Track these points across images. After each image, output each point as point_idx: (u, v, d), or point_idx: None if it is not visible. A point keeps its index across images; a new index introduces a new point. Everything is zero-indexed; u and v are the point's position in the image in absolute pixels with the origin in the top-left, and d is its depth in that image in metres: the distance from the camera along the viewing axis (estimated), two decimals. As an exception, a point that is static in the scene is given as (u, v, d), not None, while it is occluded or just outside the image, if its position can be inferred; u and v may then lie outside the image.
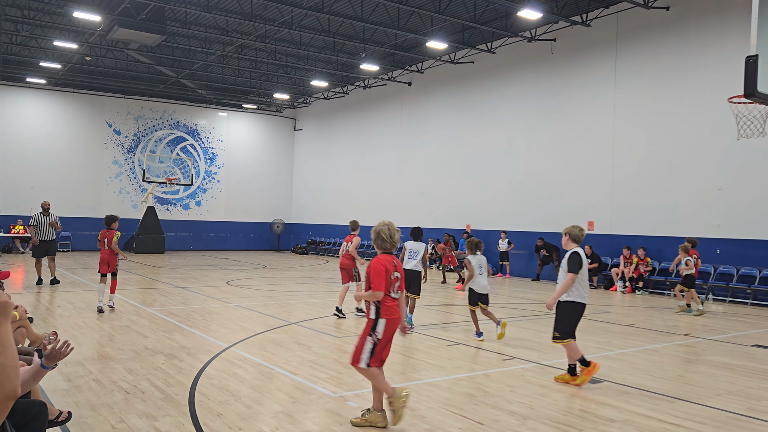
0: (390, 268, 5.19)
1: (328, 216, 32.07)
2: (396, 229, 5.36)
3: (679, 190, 16.67)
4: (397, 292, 5.25)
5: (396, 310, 5.24)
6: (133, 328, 9.48)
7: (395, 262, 5.28)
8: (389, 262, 5.22)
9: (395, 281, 5.22)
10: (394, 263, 5.27)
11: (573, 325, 6.72)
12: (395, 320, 5.22)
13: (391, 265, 5.22)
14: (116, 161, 30.76)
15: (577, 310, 6.71)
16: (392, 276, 5.20)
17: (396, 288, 5.24)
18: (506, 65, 22.05)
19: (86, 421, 5.13)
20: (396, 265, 5.27)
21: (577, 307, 6.71)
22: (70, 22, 21.00)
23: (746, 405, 6.14)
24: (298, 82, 29.97)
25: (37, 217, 15.13)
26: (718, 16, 15.96)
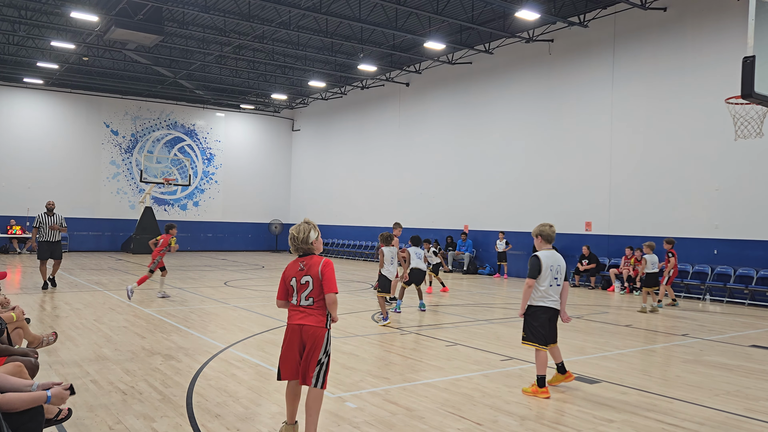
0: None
1: (326, 216, 32.05)
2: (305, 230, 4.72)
3: (677, 190, 16.70)
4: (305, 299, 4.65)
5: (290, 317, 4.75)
6: (131, 329, 9.46)
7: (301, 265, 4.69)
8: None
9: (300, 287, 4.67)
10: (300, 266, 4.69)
11: (541, 329, 6.22)
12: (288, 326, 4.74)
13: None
14: (114, 162, 30.72)
15: (542, 314, 6.23)
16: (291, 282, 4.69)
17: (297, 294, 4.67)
18: (504, 66, 22.07)
19: (83, 422, 5.12)
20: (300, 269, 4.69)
21: (542, 312, 6.23)
22: (68, 23, 20.97)
23: (744, 405, 6.15)
24: (296, 83, 29.96)
25: (40, 218, 14.27)
26: (715, 17, 15.99)
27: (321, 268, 4.59)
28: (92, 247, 29.54)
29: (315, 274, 4.59)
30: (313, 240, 4.68)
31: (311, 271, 4.61)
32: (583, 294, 16.60)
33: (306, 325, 4.60)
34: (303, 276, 4.62)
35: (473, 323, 11.05)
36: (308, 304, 4.61)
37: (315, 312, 4.61)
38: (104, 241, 30.19)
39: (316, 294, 4.60)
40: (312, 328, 4.59)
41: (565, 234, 19.58)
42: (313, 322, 4.60)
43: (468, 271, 22.30)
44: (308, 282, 4.60)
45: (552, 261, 6.27)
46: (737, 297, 15.28)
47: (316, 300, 4.61)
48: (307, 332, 4.59)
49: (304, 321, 4.61)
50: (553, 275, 6.23)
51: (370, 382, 6.64)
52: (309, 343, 4.60)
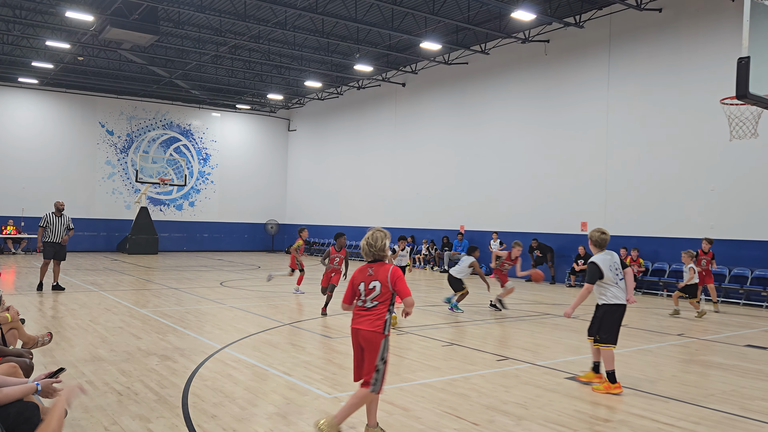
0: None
1: (322, 217, 32.03)
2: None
3: (672, 190, 16.75)
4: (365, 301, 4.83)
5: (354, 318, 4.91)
6: (127, 330, 9.44)
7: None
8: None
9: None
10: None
11: (615, 327, 6.65)
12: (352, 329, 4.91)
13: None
14: (109, 162, 30.63)
15: (615, 312, 6.66)
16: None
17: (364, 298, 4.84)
18: (500, 66, 22.10)
19: (79, 423, 5.10)
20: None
21: (615, 309, 6.66)
22: (63, 22, 20.90)
23: (740, 405, 6.17)
24: (292, 83, 29.93)
25: (48, 218, 13.76)
26: (710, 18, 16.05)
27: (390, 275, 4.75)
28: (88, 248, 29.44)
29: (384, 280, 4.75)
30: (386, 249, 4.88)
31: (380, 276, 4.77)
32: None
33: (362, 329, 4.78)
34: (372, 281, 4.79)
35: (469, 323, 11.06)
36: (372, 306, 4.78)
37: (375, 316, 4.77)
38: (100, 242, 30.11)
39: (381, 298, 4.76)
40: (368, 332, 4.75)
41: (560, 234, 19.62)
42: (368, 327, 4.76)
43: (464, 271, 22.31)
44: (375, 287, 4.77)
45: (609, 261, 6.66)
46: (732, 297, 15.33)
47: (380, 303, 4.77)
48: (363, 336, 4.78)
49: (360, 325, 4.80)
50: (614, 273, 6.63)
51: (367, 383, 6.63)
52: (366, 347, 4.78)
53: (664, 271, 16.83)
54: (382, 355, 4.74)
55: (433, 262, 23.85)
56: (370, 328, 4.74)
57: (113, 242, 30.38)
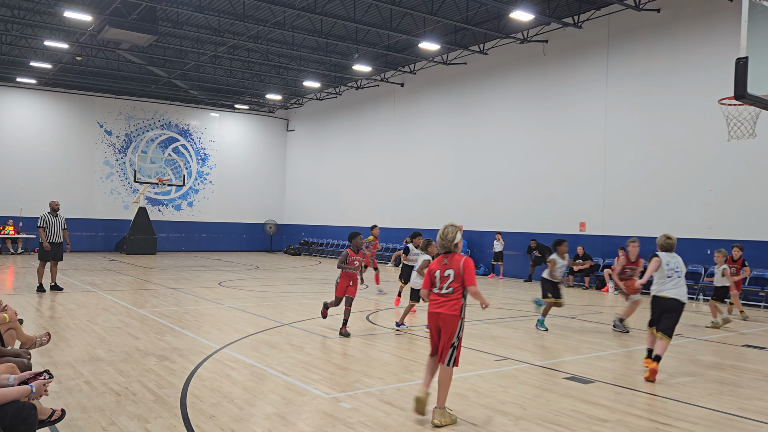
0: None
1: (320, 217, 32.03)
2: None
3: (671, 191, 16.76)
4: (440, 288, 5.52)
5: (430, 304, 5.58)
6: (125, 330, 9.43)
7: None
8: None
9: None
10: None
11: (652, 316, 7.48)
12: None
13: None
14: (107, 162, 30.60)
15: (654, 303, 7.45)
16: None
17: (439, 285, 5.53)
18: (499, 66, 22.11)
19: (77, 423, 5.10)
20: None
21: (654, 301, 7.44)
22: (61, 22, 20.87)
23: (737, 405, 6.18)
24: (291, 83, 29.92)
25: (46, 218, 13.73)
26: (708, 18, 16.07)
27: (462, 264, 5.43)
28: (86, 248, 29.41)
29: (456, 269, 5.43)
30: (458, 241, 5.54)
31: (453, 265, 5.45)
32: (578, 294, 16.64)
33: (441, 313, 5.41)
34: (446, 269, 5.46)
35: (468, 323, 11.05)
36: (448, 292, 5.43)
37: (451, 300, 5.41)
38: (98, 242, 30.08)
39: (455, 284, 5.42)
40: (446, 315, 5.39)
41: (559, 234, 19.61)
42: (447, 310, 5.40)
43: (463, 271, 22.31)
44: (450, 275, 5.43)
45: (668, 259, 7.49)
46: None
47: (455, 289, 5.42)
48: (442, 319, 5.41)
49: (439, 309, 5.43)
50: (671, 270, 7.39)
51: (365, 383, 6.64)
52: (444, 328, 5.41)
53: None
54: (458, 335, 5.41)
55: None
56: (449, 311, 5.38)
57: (111, 242, 30.35)
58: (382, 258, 26.89)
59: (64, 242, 14.14)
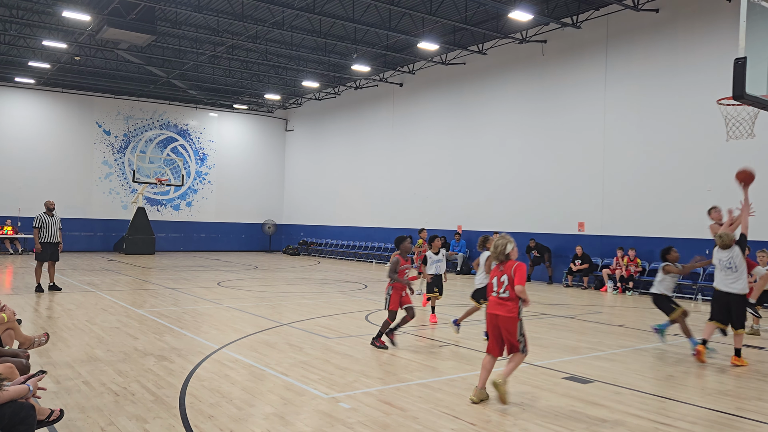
0: None
1: (319, 217, 32.02)
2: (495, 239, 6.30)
3: (669, 190, 16.77)
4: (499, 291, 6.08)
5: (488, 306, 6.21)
6: (123, 330, 9.42)
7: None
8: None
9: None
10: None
11: (712, 307, 8.27)
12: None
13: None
14: (106, 162, 30.58)
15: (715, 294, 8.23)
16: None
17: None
18: (497, 66, 22.12)
19: (75, 423, 5.09)
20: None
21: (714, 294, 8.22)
22: (59, 22, 20.85)
23: (736, 405, 6.18)
24: (290, 83, 29.91)
25: (42, 218, 13.66)
26: (707, 18, 16.08)
27: (513, 268, 5.99)
28: (84, 248, 29.38)
29: (509, 274, 5.99)
30: (509, 251, 6.11)
31: (507, 271, 6.02)
32: (576, 294, 16.65)
33: (500, 315, 5.97)
34: (502, 275, 6.06)
35: (466, 323, 11.05)
36: (505, 296, 5.99)
37: (509, 303, 5.96)
38: (96, 242, 30.05)
39: (510, 288, 5.96)
40: (505, 318, 5.94)
41: (558, 234, 19.64)
42: (504, 312, 5.95)
43: (461, 271, 22.33)
44: (504, 280, 6.00)
45: (720, 255, 8.26)
46: (729, 297, 15.32)
47: (510, 293, 5.96)
48: (501, 320, 5.97)
49: (497, 311, 6.00)
50: (724, 266, 8.18)
51: (364, 383, 6.64)
52: (503, 329, 5.96)
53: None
54: (521, 332, 5.99)
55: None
56: (507, 314, 5.93)
57: (110, 242, 30.32)
58: (381, 258, 26.90)
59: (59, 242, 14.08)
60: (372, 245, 27.93)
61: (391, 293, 8.56)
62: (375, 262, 26.85)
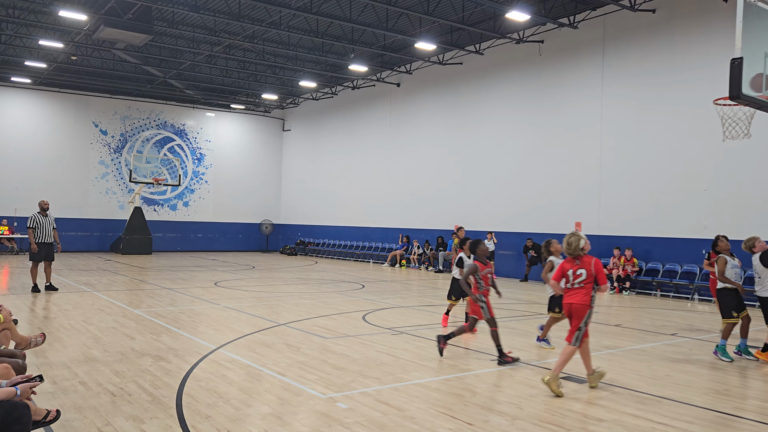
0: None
1: (316, 217, 32.01)
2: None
3: (666, 190, 16.80)
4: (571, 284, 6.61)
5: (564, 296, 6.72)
6: (120, 330, 9.40)
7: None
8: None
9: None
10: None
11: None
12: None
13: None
14: (102, 161, 30.51)
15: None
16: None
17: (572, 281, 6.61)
18: (494, 66, 22.13)
19: (72, 424, 5.08)
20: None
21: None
22: (56, 22, 20.80)
23: (732, 404, 6.19)
24: (287, 83, 29.89)
25: (36, 218, 13.58)
26: (703, 18, 16.11)
27: (594, 265, 6.52)
28: (81, 248, 29.31)
29: (588, 269, 6.50)
30: (583, 246, 6.60)
31: (585, 266, 6.52)
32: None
33: (574, 303, 6.51)
34: (578, 269, 6.54)
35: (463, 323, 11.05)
36: (580, 287, 6.53)
37: (584, 293, 6.50)
38: (93, 242, 29.98)
39: (585, 282, 6.51)
40: (577, 305, 6.48)
41: (555, 234, 19.60)
42: (578, 300, 6.49)
43: (459, 271, 22.30)
44: (582, 273, 6.51)
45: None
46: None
47: (585, 285, 6.51)
48: (575, 307, 6.50)
49: (572, 300, 6.53)
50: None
51: (362, 383, 6.64)
52: (574, 315, 6.52)
53: (658, 270, 16.88)
54: (586, 321, 6.48)
55: (428, 262, 23.87)
56: (581, 301, 6.46)
57: (106, 242, 30.25)
58: (379, 258, 26.90)
59: (54, 242, 14.05)
60: (369, 245, 27.92)
61: (485, 300, 7.98)
62: (372, 262, 26.84)
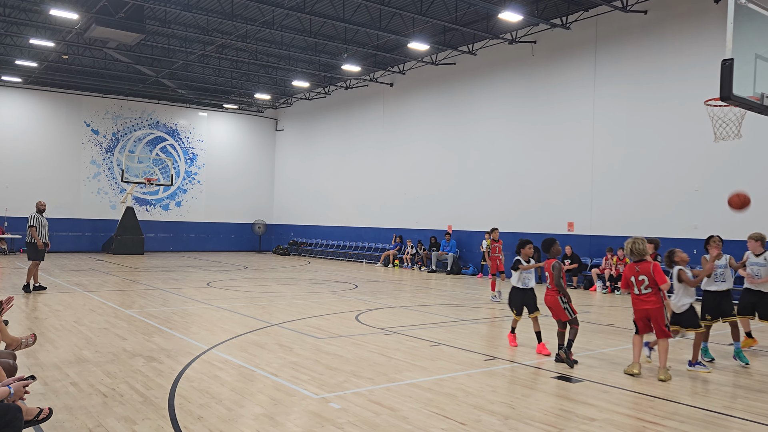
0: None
1: (309, 217, 31.97)
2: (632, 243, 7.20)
3: (657, 191, 16.89)
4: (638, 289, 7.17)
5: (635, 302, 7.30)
6: (112, 331, 9.36)
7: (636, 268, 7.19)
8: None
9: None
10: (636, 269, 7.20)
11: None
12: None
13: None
14: (94, 161, 30.36)
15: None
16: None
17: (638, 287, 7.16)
18: (487, 67, 22.17)
19: (63, 425, 5.05)
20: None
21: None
22: (47, 20, 20.67)
23: (723, 403, 6.23)
24: (280, 83, 29.84)
25: (38, 218, 13.96)
26: (695, 20, 16.21)
27: (651, 268, 7.02)
28: (72, 248, 29.15)
29: (648, 273, 7.02)
30: (648, 252, 7.11)
31: (645, 272, 7.04)
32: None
33: (649, 308, 7.10)
34: (639, 275, 7.07)
35: (457, 323, 11.08)
36: (647, 292, 7.08)
37: (652, 298, 7.07)
38: (84, 242, 29.82)
39: (650, 285, 7.03)
40: (653, 309, 7.08)
41: (547, 234, 19.66)
42: (652, 305, 7.07)
43: (452, 271, 22.37)
44: (644, 279, 7.04)
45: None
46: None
47: (652, 289, 7.04)
48: (651, 312, 7.11)
49: (646, 306, 7.12)
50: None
51: (354, 383, 6.64)
52: (653, 318, 7.12)
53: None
54: (666, 316, 7.19)
55: (421, 262, 23.89)
56: (654, 306, 7.06)
57: (98, 242, 30.10)
58: (372, 258, 26.90)
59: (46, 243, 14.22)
60: (362, 245, 27.92)
61: (567, 300, 8.03)
62: (365, 262, 26.84)
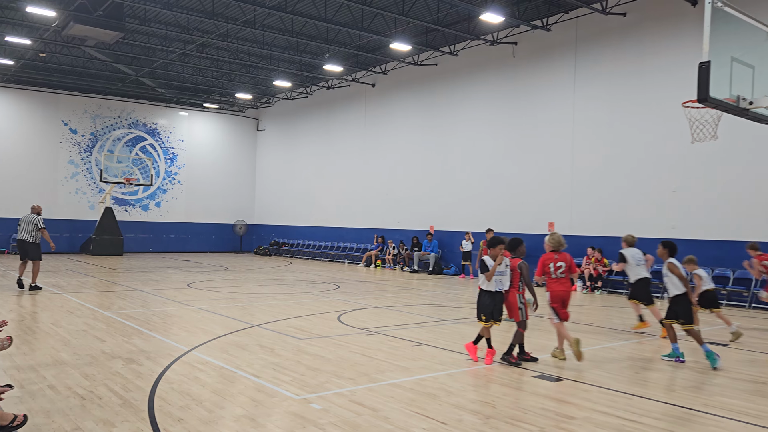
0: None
1: (291, 217, 31.85)
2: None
3: (636, 191, 17.10)
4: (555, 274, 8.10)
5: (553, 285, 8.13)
6: (90, 332, 9.24)
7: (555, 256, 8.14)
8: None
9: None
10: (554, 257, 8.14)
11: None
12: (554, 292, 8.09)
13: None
14: (72, 161, 29.94)
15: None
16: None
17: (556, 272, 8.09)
18: (469, 68, 22.28)
19: (40, 428, 4.98)
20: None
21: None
22: (23, 17, 20.34)
23: (700, 401, 6.33)
24: (261, 82, 29.68)
25: (42, 220, 14.96)
26: (673, 22, 16.44)
27: (569, 259, 8.12)
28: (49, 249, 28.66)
29: (567, 261, 8.07)
30: (563, 243, 8.18)
31: (565, 260, 8.07)
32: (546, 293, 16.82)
33: (562, 290, 8.05)
34: (558, 262, 8.05)
35: (438, 323, 11.12)
36: (562, 276, 8.04)
37: (565, 281, 8.07)
38: (62, 243, 29.37)
39: (565, 272, 8.04)
40: (566, 291, 8.08)
41: (528, 234, 19.81)
42: (565, 288, 8.06)
43: (433, 271, 22.43)
44: (562, 265, 8.04)
45: (634, 253, 10.36)
46: (693, 295, 15.67)
47: (566, 274, 8.04)
48: (566, 295, 8.09)
49: (560, 288, 8.04)
50: (636, 263, 10.27)
51: (336, 383, 6.63)
52: (566, 299, 8.11)
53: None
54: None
55: (403, 263, 23.92)
56: (566, 288, 8.07)
57: (76, 243, 29.69)
58: (354, 259, 26.87)
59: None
60: (344, 246, 27.88)
61: (524, 303, 8.12)
62: (347, 263, 26.81)
